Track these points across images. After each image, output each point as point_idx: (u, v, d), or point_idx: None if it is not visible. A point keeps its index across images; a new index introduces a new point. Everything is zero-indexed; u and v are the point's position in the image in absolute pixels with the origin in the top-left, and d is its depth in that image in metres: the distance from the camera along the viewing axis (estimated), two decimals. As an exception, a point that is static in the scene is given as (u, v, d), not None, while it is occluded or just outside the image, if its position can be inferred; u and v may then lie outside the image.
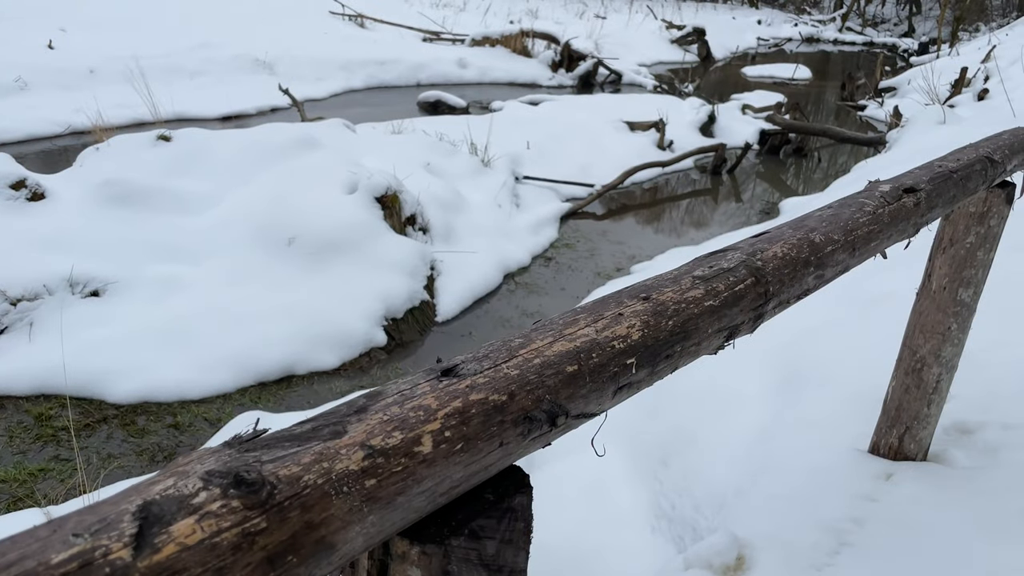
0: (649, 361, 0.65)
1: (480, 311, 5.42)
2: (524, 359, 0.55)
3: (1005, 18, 27.54)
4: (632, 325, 0.65)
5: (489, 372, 0.52)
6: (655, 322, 0.66)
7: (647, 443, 2.90)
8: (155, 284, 4.74)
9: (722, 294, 0.74)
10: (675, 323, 0.68)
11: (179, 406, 4.10)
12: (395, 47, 14.14)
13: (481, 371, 0.52)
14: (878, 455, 2.01)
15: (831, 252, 0.93)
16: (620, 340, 0.63)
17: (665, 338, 0.67)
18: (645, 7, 26.62)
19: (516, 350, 0.56)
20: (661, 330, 0.66)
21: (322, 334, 4.53)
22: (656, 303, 0.68)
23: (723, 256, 0.81)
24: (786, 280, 0.84)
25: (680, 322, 0.69)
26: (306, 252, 4.97)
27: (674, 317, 0.68)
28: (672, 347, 0.67)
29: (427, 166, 6.86)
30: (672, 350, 0.67)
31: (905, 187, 1.16)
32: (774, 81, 16.59)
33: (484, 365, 0.53)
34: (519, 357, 0.55)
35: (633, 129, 9.82)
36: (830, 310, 3.17)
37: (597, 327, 0.62)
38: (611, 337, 0.62)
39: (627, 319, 0.64)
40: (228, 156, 6.14)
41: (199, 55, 11.24)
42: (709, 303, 0.73)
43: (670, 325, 0.67)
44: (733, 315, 0.76)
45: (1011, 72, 9.63)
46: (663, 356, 0.66)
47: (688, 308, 0.71)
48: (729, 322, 0.76)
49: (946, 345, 1.83)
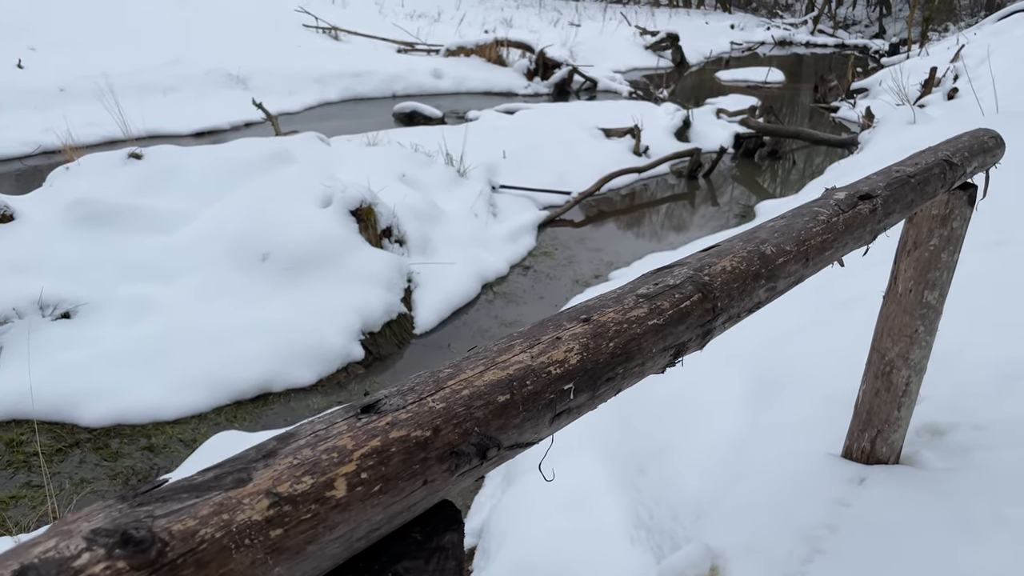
0: (589, 385, 0.63)
1: (459, 322, 5.40)
2: (452, 391, 0.53)
3: (973, 17, 27.97)
4: (570, 349, 0.63)
5: (413, 407, 0.50)
6: (595, 344, 0.65)
7: (625, 452, 2.89)
8: (127, 304, 4.68)
9: (667, 312, 0.73)
10: (616, 344, 0.66)
11: (153, 428, 4.04)
12: (370, 59, 14.12)
13: (404, 406, 0.50)
14: (851, 459, 2.01)
15: (783, 264, 0.92)
16: (557, 365, 0.61)
17: (606, 360, 0.65)
18: (619, 14, 26.79)
19: (444, 381, 0.54)
20: (601, 352, 0.65)
21: (298, 350, 4.48)
22: (597, 324, 0.66)
23: (669, 272, 0.80)
24: (735, 294, 0.82)
25: (622, 343, 0.67)
26: (281, 267, 4.93)
27: (615, 338, 0.67)
28: (614, 369, 0.66)
29: (403, 177, 6.84)
30: (614, 372, 0.66)
31: (861, 194, 1.16)
32: (748, 85, 16.73)
33: (408, 399, 0.51)
34: (446, 389, 0.53)
35: (609, 136, 9.85)
36: (803, 314, 3.18)
37: (533, 352, 0.60)
38: (547, 363, 0.60)
39: (565, 343, 0.63)
40: (201, 172, 6.09)
41: (171, 71, 11.16)
42: (653, 322, 0.71)
43: (611, 347, 0.66)
44: (679, 333, 0.75)
45: (979, 71, 9.76)
46: (604, 379, 0.65)
47: (630, 328, 0.70)
48: (675, 340, 0.74)
49: (914, 348, 1.83)
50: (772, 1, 38.55)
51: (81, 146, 7.62)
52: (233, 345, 4.43)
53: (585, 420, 3.36)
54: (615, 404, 3.41)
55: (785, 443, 2.20)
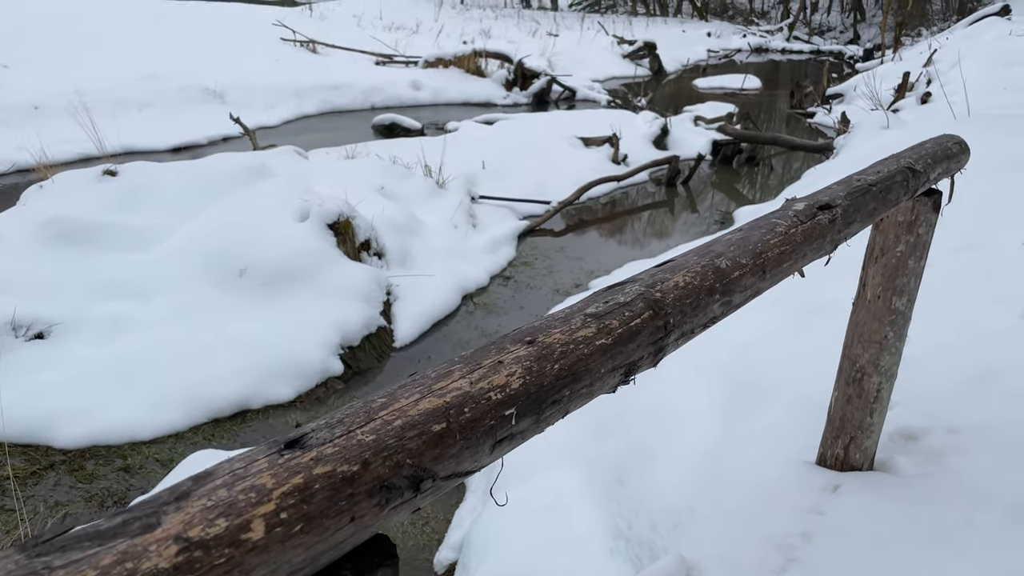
0: (533, 409, 0.62)
1: (439, 334, 5.38)
2: (383, 422, 0.52)
3: (946, 22, 28.37)
4: (513, 373, 0.62)
5: (341, 440, 0.49)
6: (539, 367, 0.64)
7: (603, 462, 2.88)
8: (103, 323, 4.63)
9: (616, 331, 0.72)
10: (562, 366, 0.65)
11: (129, 448, 3.99)
12: (348, 71, 14.10)
13: (331, 439, 0.49)
14: (825, 466, 2.01)
15: (739, 277, 0.91)
16: (498, 390, 0.60)
17: (551, 383, 0.65)
18: (596, 24, 26.95)
19: (375, 412, 0.53)
20: (546, 375, 0.64)
21: (276, 366, 4.44)
22: (542, 346, 0.65)
23: (620, 290, 0.79)
24: (688, 310, 0.82)
25: (568, 364, 0.66)
26: (258, 283, 4.89)
27: (561, 360, 0.66)
28: (559, 392, 0.65)
29: (381, 190, 6.82)
30: (559, 395, 0.65)
31: (820, 204, 1.16)
32: (725, 92, 16.86)
33: (336, 432, 0.50)
34: (378, 420, 0.52)
35: (588, 145, 9.88)
36: (778, 320, 3.19)
37: (472, 378, 0.59)
38: (487, 388, 0.59)
39: (507, 366, 0.62)
40: (177, 188, 6.05)
41: (147, 87, 11.09)
42: (601, 341, 0.70)
43: (556, 369, 0.65)
44: (629, 352, 0.74)
45: (951, 75, 9.89)
46: (549, 402, 0.64)
47: (577, 349, 0.69)
48: (625, 359, 0.73)
49: (884, 354, 1.84)
50: (748, 9, 38.92)
51: (56, 164, 7.55)
52: (210, 362, 4.38)
53: (564, 431, 3.36)
54: (594, 414, 3.41)
55: (760, 450, 2.20)
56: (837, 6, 38.12)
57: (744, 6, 39.68)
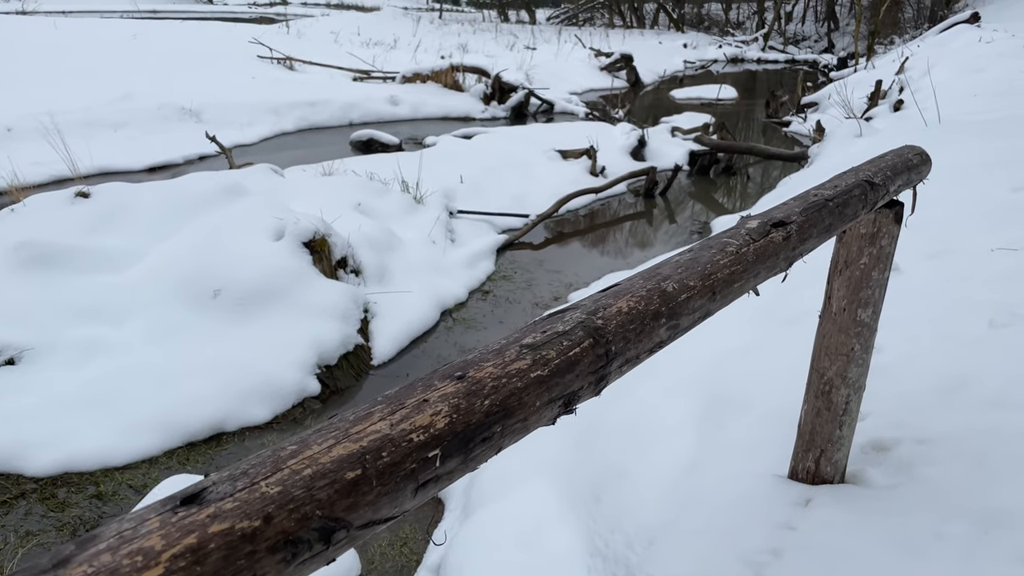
0: (460, 449, 0.60)
1: (417, 351, 5.35)
2: (292, 471, 0.49)
3: (918, 30, 28.77)
4: (438, 412, 0.60)
5: (242, 494, 0.46)
6: (468, 404, 0.62)
7: (581, 479, 2.86)
8: (75, 348, 4.57)
9: (553, 362, 0.70)
10: (493, 402, 0.64)
11: (102, 474, 3.93)
12: (325, 88, 14.08)
13: (232, 493, 0.46)
14: (797, 480, 2.01)
15: (686, 300, 0.90)
16: (421, 431, 0.58)
17: (480, 421, 0.63)
18: (574, 37, 27.10)
19: (284, 461, 0.50)
20: (475, 412, 0.62)
21: (252, 387, 4.40)
22: (472, 382, 0.63)
23: (560, 318, 0.77)
24: (632, 337, 0.80)
25: (499, 400, 0.64)
26: (233, 304, 4.84)
27: (492, 395, 0.64)
28: (490, 429, 0.63)
29: (358, 207, 6.80)
30: (490, 432, 0.63)
31: (774, 221, 1.15)
32: (702, 102, 16.98)
33: (238, 485, 0.47)
34: (285, 470, 0.49)
35: (566, 157, 9.91)
36: (753, 331, 3.20)
37: (393, 420, 0.57)
38: (409, 430, 0.57)
39: (433, 405, 0.60)
40: (151, 209, 6.00)
41: (121, 107, 11.01)
42: (537, 373, 0.68)
43: (486, 405, 0.63)
44: (568, 382, 0.72)
45: (923, 83, 10.02)
46: (479, 440, 0.62)
47: (510, 383, 0.67)
48: (563, 390, 0.72)
49: (851, 366, 1.84)
50: (724, 19, 39.32)
51: (28, 186, 7.46)
52: (184, 385, 4.33)
53: (542, 444, 3.33)
54: (572, 427, 3.39)
55: (733, 464, 2.19)
56: (811, 16, 38.60)
57: (719, 17, 40.10)
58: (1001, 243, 3.30)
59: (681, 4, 39.44)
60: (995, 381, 2.11)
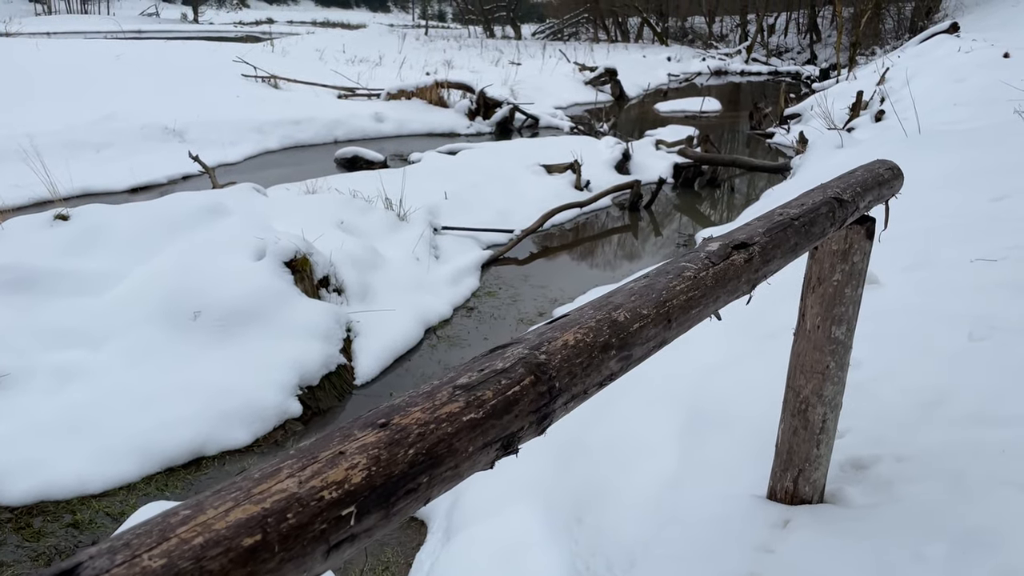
0: (380, 504, 0.56)
1: (401, 369, 5.30)
2: (180, 540, 0.46)
3: (898, 40, 29.06)
4: (355, 464, 0.56)
5: (120, 569, 0.43)
6: (390, 455, 0.58)
7: (562, 499, 2.82)
8: (52, 373, 4.50)
9: (489, 403, 0.67)
10: (419, 451, 0.60)
11: (79, 502, 3.86)
12: (310, 106, 14.07)
13: (109, 569, 0.43)
14: (776, 500, 1.98)
15: (639, 329, 0.87)
16: (334, 488, 0.54)
17: (403, 472, 0.59)
18: (558, 51, 27.24)
19: (173, 529, 0.46)
20: (397, 463, 0.58)
21: (232, 410, 4.34)
22: (396, 429, 0.60)
23: (500, 354, 0.74)
24: (579, 371, 0.77)
25: (426, 448, 0.61)
26: (213, 325, 4.79)
27: (418, 443, 0.60)
28: (415, 480, 0.59)
29: (341, 224, 6.76)
30: (415, 483, 0.59)
31: (736, 243, 1.13)
32: (686, 115, 17.07)
33: (117, 559, 0.43)
34: (173, 539, 0.46)
35: (550, 172, 9.91)
36: (733, 344, 3.18)
37: (303, 476, 0.53)
38: (320, 487, 0.53)
39: (349, 457, 0.56)
40: (131, 230, 5.95)
41: (104, 127, 10.96)
42: (470, 416, 0.65)
43: (411, 455, 0.59)
44: (506, 424, 0.69)
45: (903, 93, 10.09)
46: (403, 493, 0.58)
47: (439, 428, 0.63)
48: (501, 433, 0.68)
49: (827, 384, 1.82)
50: (707, 33, 39.64)
51: (7, 209, 7.39)
52: (163, 409, 4.27)
53: (524, 464, 3.29)
54: (553, 445, 3.35)
55: (713, 484, 2.16)
56: (794, 28, 38.97)
57: (703, 30, 40.42)
58: (980, 254, 3.30)
59: (665, 18, 39.75)
60: (973, 396, 2.10)
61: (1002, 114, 7.16)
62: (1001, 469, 1.79)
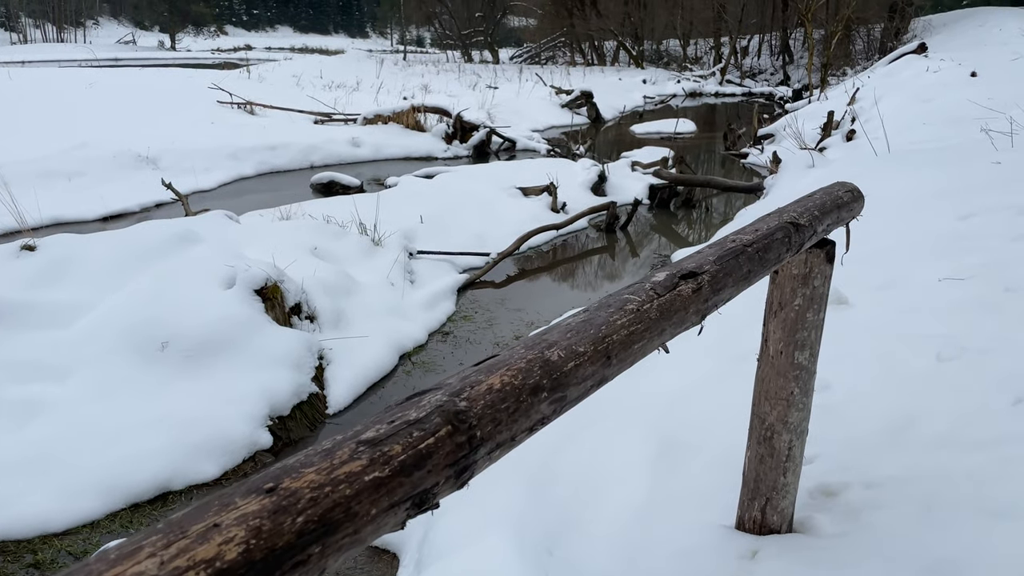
0: (257, 581, 0.51)
1: (375, 397, 5.23)
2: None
3: (868, 61, 29.54)
4: (230, 539, 0.50)
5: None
6: (274, 525, 0.52)
7: (535, 530, 2.77)
8: (15, 407, 4.39)
9: (397, 459, 0.61)
10: (309, 518, 0.54)
11: (41, 541, 3.75)
12: (286, 131, 14.03)
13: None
14: (744, 530, 1.94)
15: (574, 369, 0.82)
16: (203, 567, 0.48)
17: (289, 543, 0.53)
18: (535, 75, 27.43)
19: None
20: (283, 534, 0.52)
21: (200, 443, 4.25)
22: (284, 495, 0.54)
23: (416, 402, 0.69)
24: (504, 418, 0.72)
25: (319, 514, 0.55)
26: (181, 356, 4.70)
27: (309, 510, 0.54)
28: (305, 551, 0.53)
29: (314, 251, 6.70)
30: (305, 554, 0.53)
31: (683, 273, 1.09)
32: (661, 136, 17.20)
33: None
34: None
35: (527, 194, 9.91)
36: (708, 365, 3.15)
37: (166, 555, 0.47)
38: (185, 567, 0.46)
39: (225, 530, 0.50)
40: (100, 260, 5.87)
41: (76, 156, 10.85)
42: (374, 475, 0.59)
43: (299, 523, 0.54)
44: (417, 481, 0.63)
45: (873, 112, 10.22)
46: (290, 566, 0.51)
47: (336, 491, 0.57)
48: (411, 491, 0.62)
49: (792, 410, 1.79)
50: (682, 55, 40.12)
51: (-27, 240, 7.26)
52: (129, 443, 4.17)
53: (495, 492, 3.23)
54: (525, 476, 3.29)
55: (683, 513, 2.12)
56: (767, 50, 39.55)
57: (678, 53, 40.91)
58: (948, 272, 3.31)
59: (640, 41, 40.20)
60: (941, 419, 2.08)
61: (969, 132, 7.25)
62: (969, 496, 1.76)
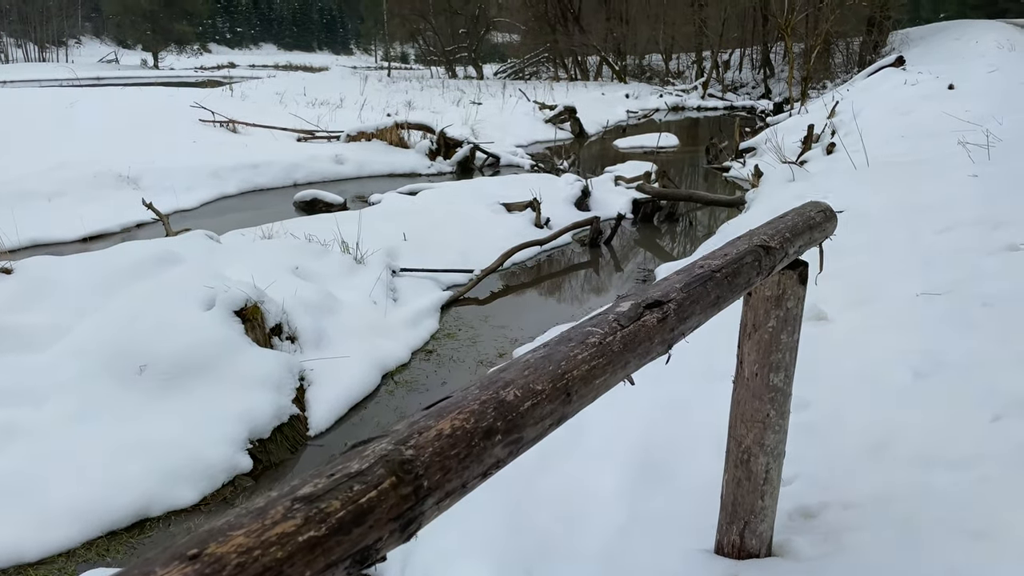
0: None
1: (357, 418, 5.18)
2: None
3: (848, 74, 29.89)
4: None
5: None
6: None
7: (514, 557, 2.73)
8: (-11, 434, 4.31)
9: (335, 515, 0.58)
10: None
11: (14, 572, 3.67)
12: (269, 149, 13.99)
13: None
14: (723, 555, 1.92)
15: (531, 408, 0.80)
16: None
17: None
18: (518, 91, 27.55)
19: None
20: None
21: (178, 468, 4.18)
22: (208, 561, 0.51)
23: (359, 452, 0.66)
24: (454, 465, 0.69)
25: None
26: (159, 379, 4.64)
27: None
28: None
29: (296, 270, 6.65)
30: None
31: (648, 302, 1.07)
32: (645, 151, 17.28)
33: None
34: None
35: (511, 210, 9.91)
36: (685, 388, 3.13)
37: None
38: None
39: None
40: (78, 282, 5.81)
41: (55, 176, 10.76)
42: (309, 535, 0.56)
43: None
44: (357, 538, 0.60)
45: (852, 126, 10.30)
46: None
47: (267, 555, 0.54)
48: (350, 549, 0.59)
49: (768, 433, 1.77)
50: (664, 70, 40.45)
51: (-52, 263, 7.16)
52: (105, 470, 4.10)
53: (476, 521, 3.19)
54: (505, 499, 3.26)
55: (662, 538, 2.10)
56: (748, 63, 39.95)
57: (660, 67, 41.25)
58: (926, 287, 3.32)
59: (623, 56, 40.50)
60: (919, 437, 2.07)
61: (947, 145, 7.32)
62: (948, 516, 1.75)
